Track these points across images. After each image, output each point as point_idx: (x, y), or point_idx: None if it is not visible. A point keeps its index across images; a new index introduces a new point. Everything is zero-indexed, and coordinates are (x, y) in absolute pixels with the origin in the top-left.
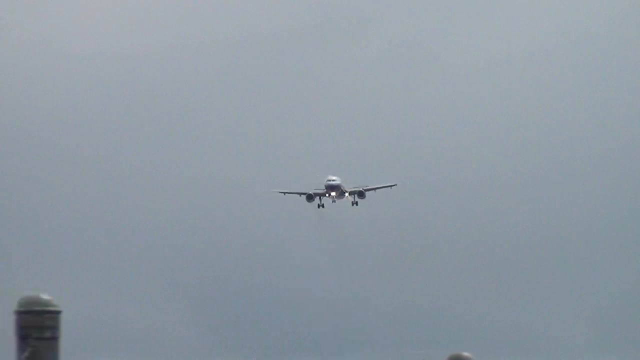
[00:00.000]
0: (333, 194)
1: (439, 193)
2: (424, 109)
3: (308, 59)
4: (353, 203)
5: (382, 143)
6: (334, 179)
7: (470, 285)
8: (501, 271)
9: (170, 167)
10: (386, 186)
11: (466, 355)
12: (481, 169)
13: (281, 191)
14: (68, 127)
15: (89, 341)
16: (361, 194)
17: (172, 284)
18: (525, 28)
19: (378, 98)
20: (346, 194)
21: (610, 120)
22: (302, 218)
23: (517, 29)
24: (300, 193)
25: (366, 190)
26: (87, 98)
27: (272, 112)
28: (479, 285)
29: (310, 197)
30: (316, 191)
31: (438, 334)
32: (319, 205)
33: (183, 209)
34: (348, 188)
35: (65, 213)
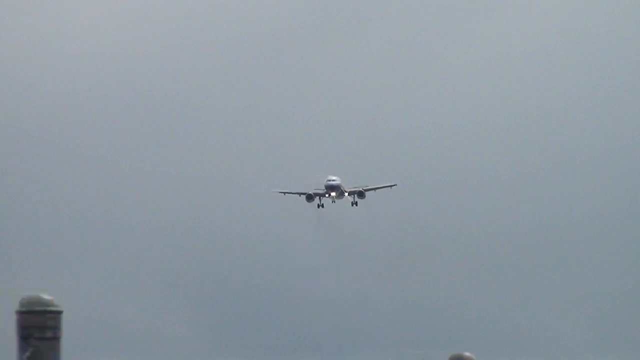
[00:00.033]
0: (333, 194)
1: (439, 193)
2: (424, 109)
3: (308, 59)
4: (353, 203)
5: (382, 143)
6: (334, 179)
7: (470, 285)
8: (501, 271)
9: (170, 167)
10: (386, 186)
11: (468, 355)
12: (481, 169)
13: (281, 191)
14: (68, 127)
15: (89, 341)
16: (361, 194)
17: (172, 284)
18: (525, 28)
19: (378, 98)
20: (346, 194)
21: (610, 120)
22: (302, 218)
23: (517, 29)
24: (300, 193)
25: (366, 190)
26: (87, 98)
27: (272, 112)
28: (479, 285)
29: (310, 197)
30: (316, 191)
31: (438, 334)
32: (319, 205)
33: (183, 209)
34: (348, 188)
35: (65, 213)
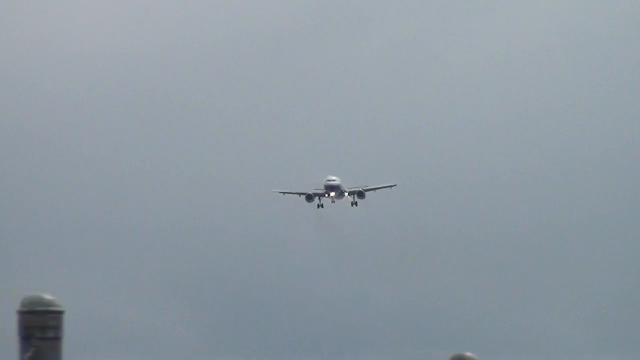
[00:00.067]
0: (332, 194)
1: (439, 193)
2: (424, 109)
3: (308, 59)
4: (352, 203)
5: (382, 143)
6: (334, 179)
7: (470, 285)
8: (501, 271)
9: (170, 167)
10: (386, 186)
11: (469, 355)
12: (481, 169)
13: (281, 191)
14: (68, 127)
15: (89, 341)
16: (361, 194)
17: (172, 284)
18: (525, 28)
19: (378, 98)
20: (346, 194)
21: (610, 120)
22: (302, 218)
23: (517, 29)
24: (299, 193)
25: (366, 190)
26: (87, 98)
27: (272, 112)
28: (479, 285)
29: (309, 197)
30: (316, 191)
31: (438, 334)
32: (319, 205)
33: (183, 209)
34: (347, 188)
35: (66, 213)
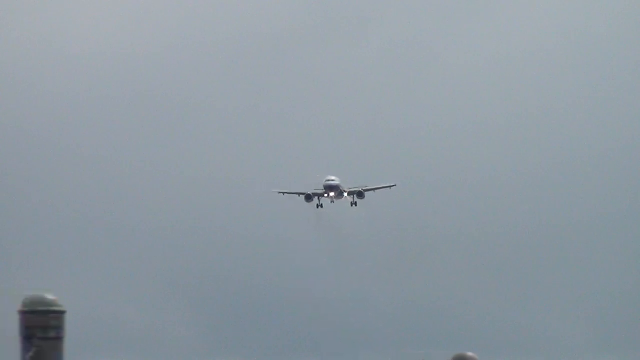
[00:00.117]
0: (332, 195)
1: (439, 193)
2: (424, 109)
3: (308, 59)
4: (352, 203)
5: (382, 143)
6: (333, 179)
7: (470, 285)
8: (501, 271)
9: (170, 167)
10: (386, 186)
11: (471, 355)
12: (481, 169)
13: (280, 191)
14: (68, 127)
15: (89, 341)
16: (360, 195)
17: (172, 284)
18: (525, 28)
19: (378, 98)
20: (345, 194)
21: (610, 120)
22: (301, 218)
23: (517, 29)
24: (299, 193)
25: (365, 190)
26: (87, 98)
27: (272, 112)
28: (479, 285)
29: (309, 198)
30: (315, 191)
31: (438, 334)
32: (318, 205)
33: (183, 209)
34: (347, 188)
35: (66, 213)
